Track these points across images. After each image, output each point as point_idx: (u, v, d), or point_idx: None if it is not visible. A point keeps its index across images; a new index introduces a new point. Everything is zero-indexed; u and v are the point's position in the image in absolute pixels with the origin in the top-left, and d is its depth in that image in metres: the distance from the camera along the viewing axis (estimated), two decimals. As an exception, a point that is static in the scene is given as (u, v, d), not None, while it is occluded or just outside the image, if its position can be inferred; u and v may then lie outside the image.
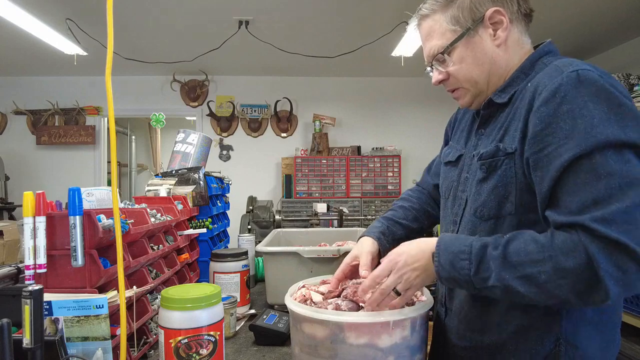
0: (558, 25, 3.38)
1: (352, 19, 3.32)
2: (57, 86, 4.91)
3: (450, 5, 0.88)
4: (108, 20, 0.80)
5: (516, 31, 0.89)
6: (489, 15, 0.86)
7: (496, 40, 0.87)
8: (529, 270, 0.71)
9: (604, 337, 0.82)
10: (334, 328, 0.82)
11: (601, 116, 0.70)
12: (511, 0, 0.87)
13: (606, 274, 0.66)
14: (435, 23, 0.90)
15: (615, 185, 0.68)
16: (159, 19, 3.34)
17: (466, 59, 0.88)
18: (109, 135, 2.13)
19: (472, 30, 0.86)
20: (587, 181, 0.70)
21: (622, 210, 0.67)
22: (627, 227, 0.66)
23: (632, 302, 2.67)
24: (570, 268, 0.68)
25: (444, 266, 0.79)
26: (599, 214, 0.68)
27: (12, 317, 0.66)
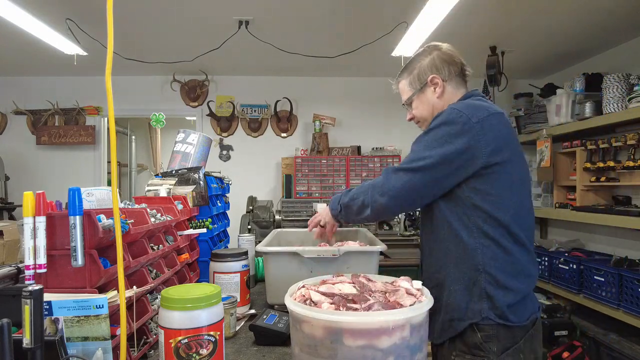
0: (558, 26, 3.38)
1: (352, 19, 3.32)
2: (57, 86, 4.90)
3: (409, 75, 1.43)
4: (108, 20, 0.80)
5: (450, 86, 1.38)
6: (429, 79, 1.38)
7: (436, 94, 1.38)
8: (351, 194, 1.40)
9: (511, 269, 1.20)
10: (333, 328, 0.82)
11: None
12: (443, 68, 1.37)
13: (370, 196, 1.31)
14: (403, 85, 1.47)
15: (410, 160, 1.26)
16: (159, 19, 3.34)
17: (419, 106, 1.43)
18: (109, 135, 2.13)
19: (420, 89, 1.40)
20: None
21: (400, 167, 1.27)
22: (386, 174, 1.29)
23: (632, 302, 2.67)
24: (361, 192, 1.36)
25: (332, 203, 1.50)
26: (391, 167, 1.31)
27: (12, 317, 0.66)
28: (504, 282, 1.18)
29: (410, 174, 1.22)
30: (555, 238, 4.17)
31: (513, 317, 1.17)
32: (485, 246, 1.20)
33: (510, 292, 1.18)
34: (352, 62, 4.27)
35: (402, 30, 3.35)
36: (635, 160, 3.00)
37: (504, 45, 3.86)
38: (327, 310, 0.89)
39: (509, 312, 1.17)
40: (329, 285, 1.07)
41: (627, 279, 2.71)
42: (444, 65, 1.36)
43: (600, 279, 2.95)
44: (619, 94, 3.06)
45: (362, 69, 4.74)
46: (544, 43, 3.76)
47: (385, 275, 1.18)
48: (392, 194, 1.23)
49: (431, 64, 1.37)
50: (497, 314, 1.17)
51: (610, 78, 3.11)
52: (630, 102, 2.93)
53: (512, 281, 1.19)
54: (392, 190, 1.23)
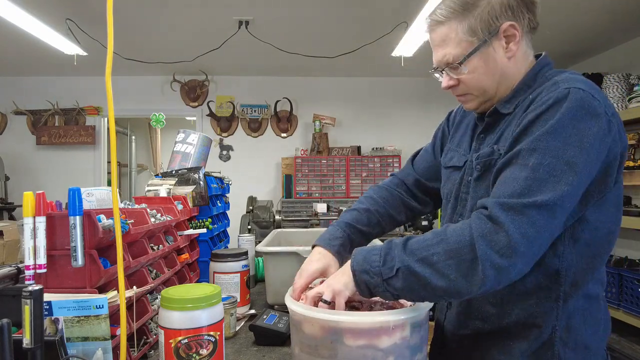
0: (558, 26, 3.38)
1: (352, 19, 3.32)
2: (57, 86, 4.90)
3: (468, 15, 0.89)
4: (108, 20, 0.80)
5: (524, 44, 0.93)
6: (504, 28, 0.89)
7: (508, 53, 0.90)
8: (424, 253, 0.79)
9: (593, 321, 0.88)
10: (333, 328, 0.82)
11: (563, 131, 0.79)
12: (523, 15, 0.90)
13: (483, 255, 0.74)
14: (451, 31, 0.90)
15: (533, 186, 0.76)
16: (159, 19, 3.34)
17: (479, 69, 0.91)
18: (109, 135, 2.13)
19: (487, 42, 0.89)
20: (513, 176, 0.79)
21: (522, 204, 0.75)
22: (514, 217, 0.74)
23: (632, 302, 2.67)
24: (455, 248, 0.76)
25: (358, 261, 0.84)
26: (501, 200, 0.77)
27: (12, 317, 0.66)
28: (586, 339, 0.87)
29: (548, 210, 0.75)
30: (555, 238, 4.16)
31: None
32: (570, 297, 0.86)
33: (590, 353, 0.88)
34: (352, 62, 4.27)
35: (402, 30, 3.35)
36: (635, 160, 3.00)
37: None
38: (327, 310, 0.89)
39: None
40: None
41: (627, 279, 2.71)
42: (523, 8, 0.89)
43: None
44: (619, 94, 3.06)
45: (362, 69, 4.74)
46: (544, 43, 3.75)
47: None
48: (523, 249, 0.74)
49: (506, 2, 0.88)
50: None
51: (610, 78, 3.11)
52: (630, 102, 2.93)
53: (595, 336, 0.88)
54: (523, 242, 0.74)
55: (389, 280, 0.80)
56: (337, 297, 0.85)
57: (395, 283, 0.79)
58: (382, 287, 0.81)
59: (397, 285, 0.79)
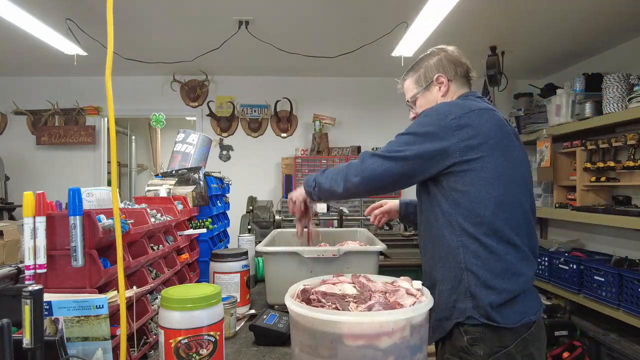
0: (558, 26, 3.38)
1: (352, 19, 3.32)
2: (57, 86, 4.90)
3: (415, 73, 1.47)
4: (108, 20, 0.80)
5: (454, 86, 1.41)
6: (435, 77, 1.41)
7: (440, 92, 1.41)
8: (327, 175, 1.41)
9: (495, 268, 1.18)
10: (333, 328, 0.82)
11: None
12: (450, 69, 1.40)
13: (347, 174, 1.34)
14: (408, 83, 1.50)
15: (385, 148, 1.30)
16: (159, 19, 3.34)
17: (424, 105, 1.43)
18: (109, 135, 2.13)
19: (426, 87, 1.43)
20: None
21: (372, 153, 1.31)
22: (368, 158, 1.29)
23: (632, 302, 2.67)
24: (338, 171, 1.38)
25: (306, 183, 1.48)
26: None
27: (12, 317, 0.66)
28: (488, 281, 1.17)
29: (386, 160, 1.25)
30: (555, 238, 4.17)
31: (499, 318, 1.15)
32: (467, 244, 1.20)
33: (495, 291, 1.16)
34: (352, 62, 4.27)
35: (402, 30, 3.35)
36: (635, 160, 3.00)
37: (504, 45, 3.86)
38: (327, 310, 0.89)
39: (495, 313, 1.15)
40: (329, 285, 1.07)
41: (627, 279, 2.71)
42: (450, 65, 1.40)
43: (600, 279, 2.95)
44: (619, 94, 3.06)
45: (362, 69, 4.74)
46: (544, 43, 3.76)
47: (385, 276, 1.18)
48: (366, 175, 1.27)
49: (438, 63, 1.41)
50: (481, 314, 1.16)
51: (610, 78, 3.11)
52: (630, 102, 2.93)
53: (497, 280, 1.17)
54: (367, 172, 1.27)
55: (314, 190, 1.44)
56: (296, 204, 1.54)
57: (316, 191, 1.44)
58: (314, 194, 1.45)
59: (317, 192, 1.44)
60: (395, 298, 0.97)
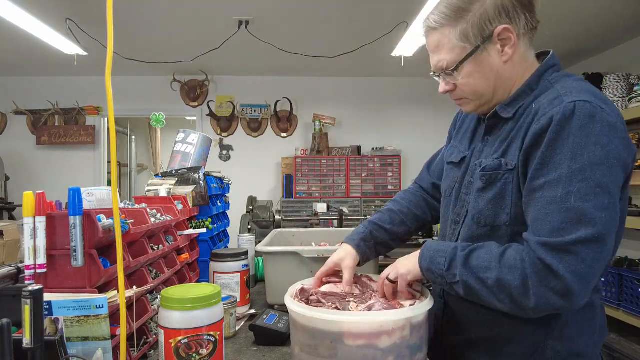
0: (558, 26, 3.38)
1: (352, 19, 3.32)
2: (57, 86, 4.90)
3: (460, 20, 0.88)
4: (108, 20, 0.80)
5: (522, 46, 0.91)
6: (498, 32, 0.87)
7: (504, 57, 0.89)
8: (481, 275, 0.83)
9: (589, 329, 0.89)
10: (333, 328, 0.82)
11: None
12: (519, 16, 0.87)
13: (538, 292, 0.77)
14: (444, 37, 0.90)
15: (571, 219, 0.75)
16: (159, 19, 3.34)
17: (474, 74, 0.90)
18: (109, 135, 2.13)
19: (481, 47, 0.88)
20: (545, 211, 0.79)
21: (566, 242, 0.75)
22: (563, 257, 0.75)
23: (632, 302, 2.67)
24: (507, 280, 0.80)
25: (425, 259, 0.91)
26: (543, 240, 0.77)
27: (12, 317, 0.66)
28: (579, 346, 0.88)
29: (594, 244, 0.75)
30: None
31: None
32: None
33: (586, 358, 0.89)
34: (352, 62, 4.27)
35: (402, 30, 3.35)
36: (635, 161, 3.00)
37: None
38: (327, 310, 0.89)
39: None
40: (330, 285, 1.07)
41: (627, 279, 2.71)
42: (518, 9, 0.87)
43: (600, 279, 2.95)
44: (619, 93, 3.06)
45: (362, 69, 4.74)
46: (544, 43, 3.75)
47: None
48: (577, 287, 0.75)
49: (500, 5, 0.86)
50: None
51: (610, 78, 3.11)
52: (630, 102, 2.93)
53: (589, 342, 0.88)
54: (575, 280, 0.75)
55: (452, 285, 0.87)
56: (399, 279, 0.95)
57: (457, 289, 0.87)
58: (447, 287, 0.90)
59: (459, 291, 0.87)
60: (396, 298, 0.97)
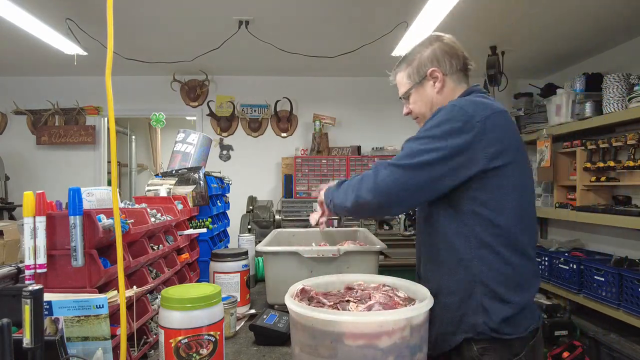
0: (558, 26, 3.38)
1: (352, 19, 3.32)
2: (57, 86, 4.90)
3: (408, 66, 1.34)
4: (108, 20, 0.80)
5: (450, 82, 1.29)
6: (429, 72, 1.29)
7: (435, 89, 1.30)
8: (342, 190, 1.28)
9: (511, 281, 1.12)
10: (333, 328, 0.82)
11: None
12: (445, 62, 1.28)
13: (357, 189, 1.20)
14: (401, 77, 1.37)
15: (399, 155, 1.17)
16: (159, 19, 3.34)
17: (417, 101, 1.34)
18: (109, 135, 2.13)
19: (419, 83, 1.32)
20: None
21: (388, 163, 1.16)
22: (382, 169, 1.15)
23: (632, 302, 2.67)
24: (352, 184, 1.24)
25: (325, 193, 1.39)
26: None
27: (12, 317, 0.66)
28: (503, 295, 1.10)
29: (402, 170, 1.11)
30: (555, 238, 4.17)
31: (509, 329, 1.10)
32: (483, 256, 1.12)
33: (508, 305, 1.10)
34: (352, 62, 4.27)
35: (402, 30, 3.35)
36: (635, 160, 3.00)
37: (504, 45, 3.86)
38: (327, 310, 0.89)
39: (505, 326, 1.10)
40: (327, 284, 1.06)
41: (627, 279, 2.71)
42: (446, 58, 1.28)
43: (600, 279, 2.95)
44: (619, 93, 3.06)
45: (362, 69, 4.74)
46: (544, 43, 3.76)
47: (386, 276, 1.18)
48: (379, 190, 1.11)
49: (432, 55, 1.28)
50: (493, 328, 1.10)
51: (610, 78, 3.11)
52: (630, 102, 2.93)
53: (511, 294, 1.11)
54: (380, 186, 1.11)
55: (330, 203, 1.34)
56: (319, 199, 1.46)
57: (332, 207, 1.34)
58: (330, 207, 1.35)
59: (332, 208, 1.35)
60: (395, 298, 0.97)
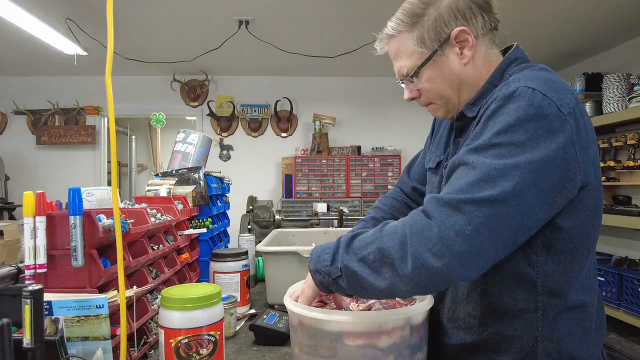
0: (558, 25, 3.38)
1: (352, 19, 3.32)
2: (57, 86, 4.91)
3: (416, 25, 0.87)
4: (108, 20, 0.80)
5: (482, 47, 0.89)
6: (454, 35, 0.85)
7: (463, 59, 0.87)
8: (362, 253, 0.76)
9: (581, 331, 0.84)
10: (333, 328, 0.82)
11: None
12: (475, 17, 0.86)
13: (415, 252, 0.70)
14: (402, 44, 0.89)
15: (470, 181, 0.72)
16: (159, 19, 3.34)
17: (435, 79, 0.89)
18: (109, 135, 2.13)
19: (438, 51, 0.86)
20: (458, 176, 0.75)
21: (458, 199, 0.70)
22: (449, 212, 0.69)
23: (632, 302, 2.67)
24: (387, 246, 0.73)
25: (312, 260, 0.84)
26: (438, 196, 0.73)
27: (12, 317, 0.66)
28: (572, 349, 0.82)
29: (489, 207, 0.68)
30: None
31: None
32: (550, 307, 0.82)
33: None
34: (352, 62, 4.27)
35: (402, 30, 3.35)
36: (635, 160, 3.00)
37: (504, 45, 3.86)
38: (327, 310, 0.89)
39: None
40: None
41: (627, 279, 2.71)
42: (474, 10, 0.86)
43: (600, 279, 2.95)
44: (619, 93, 3.06)
45: (362, 69, 4.74)
46: (544, 43, 3.76)
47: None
48: (458, 248, 0.67)
49: (454, 7, 0.85)
50: None
51: (610, 78, 3.11)
52: (630, 102, 2.93)
53: (584, 345, 0.84)
54: (458, 241, 0.68)
55: (337, 280, 0.79)
56: (300, 297, 0.88)
57: (341, 282, 0.79)
58: (334, 286, 0.81)
59: (343, 284, 0.79)
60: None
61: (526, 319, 0.83)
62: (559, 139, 0.71)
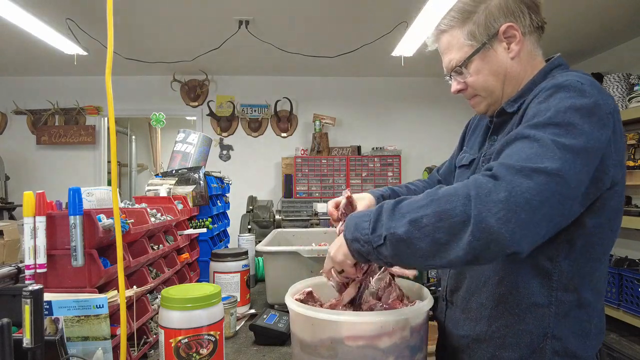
0: (558, 25, 3.38)
1: (352, 19, 3.32)
2: (57, 86, 4.90)
3: (467, 21, 0.94)
4: (108, 20, 0.80)
5: (529, 43, 0.94)
6: (502, 30, 0.91)
7: (510, 53, 0.93)
8: (413, 215, 0.73)
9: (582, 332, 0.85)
10: (333, 328, 0.82)
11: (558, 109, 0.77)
12: (523, 15, 0.92)
13: (478, 215, 0.67)
14: (453, 38, 0.96)
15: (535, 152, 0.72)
16: (159, 19, 3.34)
17: (482, 71, 0.94)
18: (109, 135, 2.13)
19: (487, 44, 0.93)
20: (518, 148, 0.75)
21: (530, 168, 0.70)
22: (521, 179, 0.69)
23: (632, 302, 2.67)
24: (446, 209, 0.70)
25: (349, 228, 0.82)
26: (507, 162, 0.72)
27: (12, 317, 0.66)
28: (577, 349, 0.84)
29: (555, 182, 0.69)
30: (555, 238, 4.16)
31: None
32: (563, 301, 0.84)
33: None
34: (352, 62, 4.27)
35: (402, 30, 3.35)
36: (635, 160, 3.00)
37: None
38: (327, 310, 0.89)
39: None
40: None
41: (627, 279, 2.71)
42: (523, 9, 0.91)
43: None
44: (619, 93, 3.06)
45: (362, 69, 4.74)
46: (544, 43, 3.75)
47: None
48: (525, 217, 0.67)
49: (504, 5, 0.91)
50: None
51: (610, 78, 3.11)
52: (630, 102, 2.93)
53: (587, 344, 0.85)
54: (526, 209, 0.67)
55: (378, 249, 0.76)
56: (344, 268, 0.86)
57: (384, 251, 0.76)
58: (374, 255, 0.77)
59: (385, 252, 0.75)
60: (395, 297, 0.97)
61: (539, 314, 0.84)
62: (607, 133, 0.76)
